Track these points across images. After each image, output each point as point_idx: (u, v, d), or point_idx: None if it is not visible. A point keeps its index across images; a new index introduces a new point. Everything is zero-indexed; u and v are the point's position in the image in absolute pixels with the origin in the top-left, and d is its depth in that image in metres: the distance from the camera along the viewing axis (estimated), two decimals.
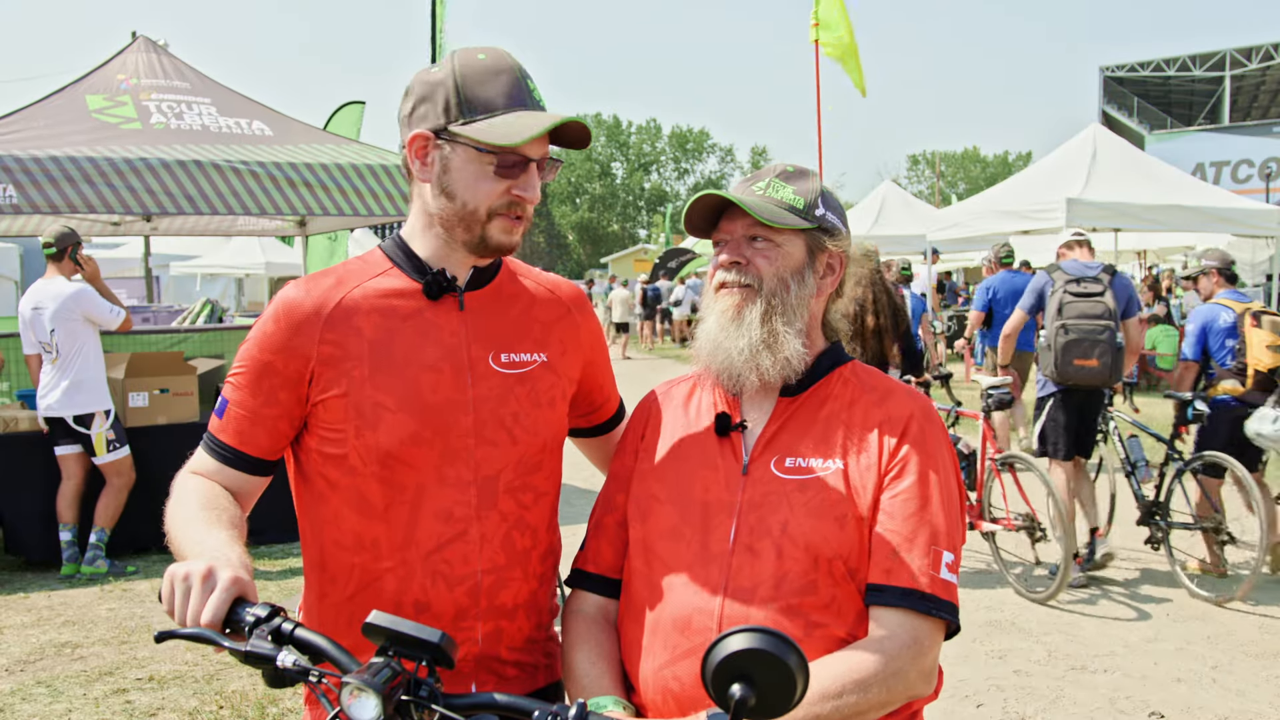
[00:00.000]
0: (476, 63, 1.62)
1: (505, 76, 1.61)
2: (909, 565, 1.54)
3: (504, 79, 1.60)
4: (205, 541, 1.45)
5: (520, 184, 1.61)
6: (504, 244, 1.65)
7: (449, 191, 1.62)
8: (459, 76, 1.61)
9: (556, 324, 1.80)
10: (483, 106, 1.59)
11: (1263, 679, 4.59)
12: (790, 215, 1.66)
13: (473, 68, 1.61)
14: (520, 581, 1.71)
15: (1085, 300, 5.84)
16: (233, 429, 1.65)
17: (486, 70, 1.61)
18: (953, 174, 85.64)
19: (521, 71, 1.63)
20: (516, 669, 1.74)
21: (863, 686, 1.46)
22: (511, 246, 1.66)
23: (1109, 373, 5.76)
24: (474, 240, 1.64)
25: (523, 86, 1.61)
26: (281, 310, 1.65)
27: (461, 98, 1.60)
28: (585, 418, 1.94)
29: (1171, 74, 41.78)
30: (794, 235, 1.67)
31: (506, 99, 1.59)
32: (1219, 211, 12.40)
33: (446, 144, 1.60)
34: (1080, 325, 5.78)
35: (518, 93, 1.60)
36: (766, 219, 1.63)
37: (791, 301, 1.65)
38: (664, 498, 1.69)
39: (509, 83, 1.60)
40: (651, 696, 1.59)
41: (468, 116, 1.59)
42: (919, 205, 20.75)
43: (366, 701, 1.19)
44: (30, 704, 4.38)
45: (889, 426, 1.63)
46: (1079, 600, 5.70)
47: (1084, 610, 5.53)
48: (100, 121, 6.77)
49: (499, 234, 1.63)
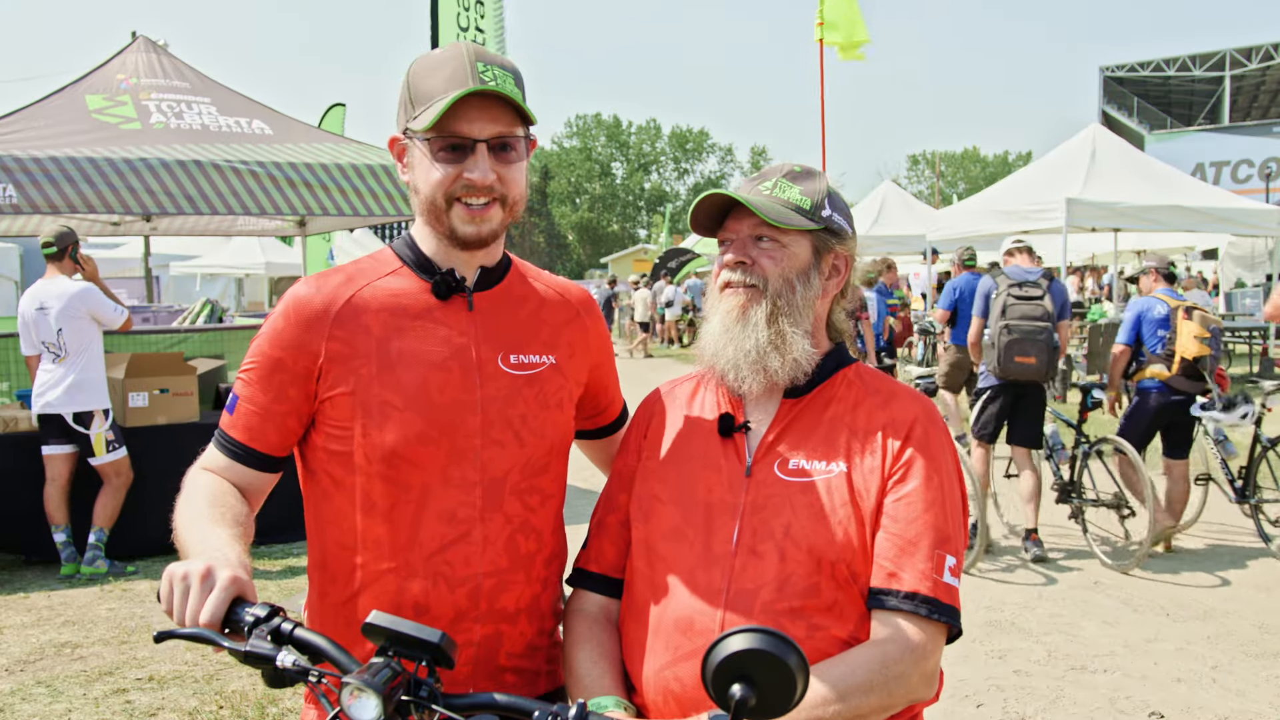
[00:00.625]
0: (429, 57, 1.63)
1: (450, 64, 1.59)
2: (912, 569, 1.54)
3: (448, 67, 1.59)
4: (206, 540, 1.45)
5: (467, 165, 1.59)
6: (468, 235, 1.63)
7: (415, 186, 1.65)
8: (411, 73, 1.63)
9: (565, 326, 1.80)
10: (425, 96, 1.59)
11: (1263, 679, 4.59)
12: (796, 215, 1.65)
13: (423, 62, 1.63)
14: (523, 585, 1.70)
15: (1027, 303, 6.41)
16: (243, 425, 1.65)
17: (434, 62, 1.61)
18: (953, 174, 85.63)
19: (472, 55, 1.59)
20: (515, 675, 1.73)
21: (865, 690, 1.46)
22: (478, 236, 1.64)
23: (1045, 369, 6.37)
24: (446, 233, 1.64)
25: (466, 68, 1.57)
26: (292, 307, 1.65)
27: (410, 94, 1.62)
28: (590, 420, 1.94)
29: (1171, 74, 41.79)
30: (800, 236, 1.66)
31: (446, 84, 1.57)
32: (1218, 211, 12.41)
33: (409, 141, 1.63)
34: (1022, 325, 6.36)
35: (458, 75, 1.57)
36: (773, 219, 1.62)
37: (797, 303, 1.65)
38: (666, 498, 1.68)
39: (452, 69, 1.58)
40: (653, 697, 1.59)
41: (415, 109, 1.61)
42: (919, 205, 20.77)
43: (366, 702, 1.19)
44: (30, 704, 4.38)
45: (893, 429, 1.62)
46: (1079, 600, 5.70)
47: (1084, 610, 5.53)
48: (100, 121, 6.77)
49: (460, 224, 1.62)
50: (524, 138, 1.64)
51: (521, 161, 1.65)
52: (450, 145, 1.58)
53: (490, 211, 1.63)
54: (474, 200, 1.61)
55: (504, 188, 1.62)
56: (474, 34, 7.55)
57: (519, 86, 1.62)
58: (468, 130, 1.58)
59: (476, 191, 1.60)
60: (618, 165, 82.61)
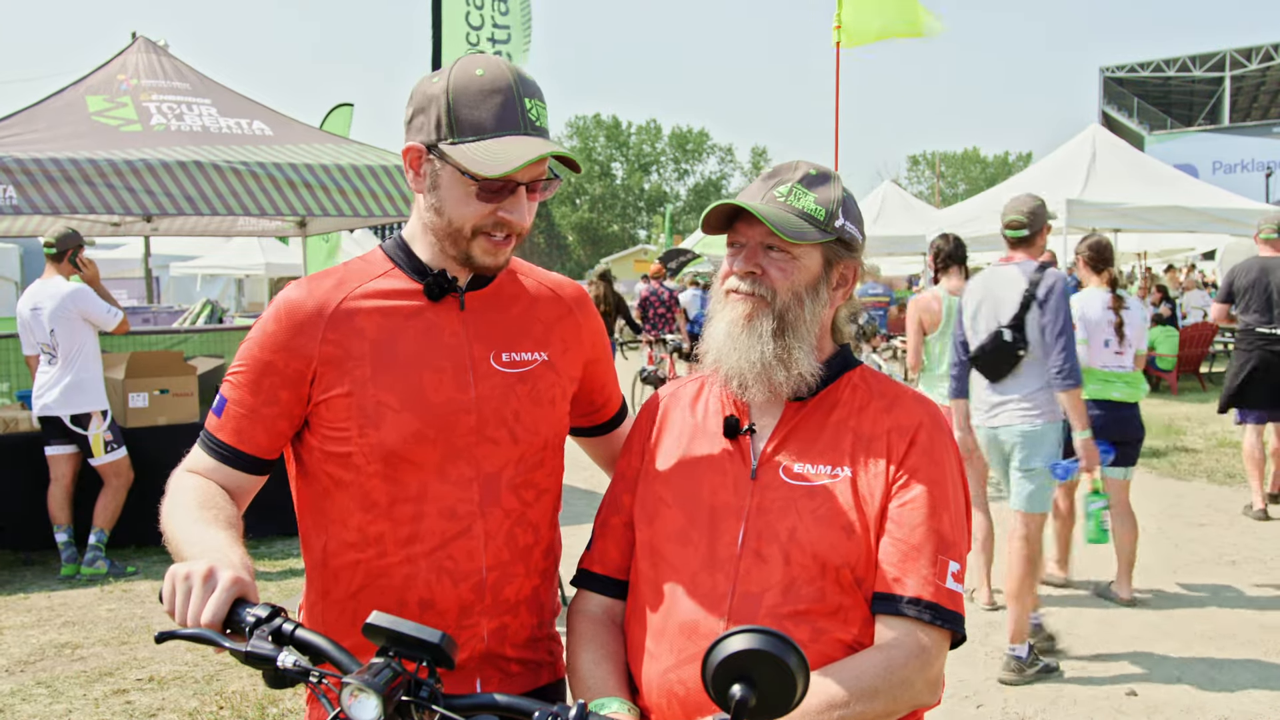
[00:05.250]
0: (473, 79, 1.59)
1: (499, 97, 1.57)
2: (916, 574, 1.53)
3: (497, 99, 1.57)
4: (206, 541, 1.45)
5: (506, 206, 1.60)
6: (487, 265, 1.65)
7: (437, 207, 1.63)
8: (452, 94, 1.58)
9: (558, 323, 1.80)
10: (472, 128, 1.56)
11: (1263, 679, 4.59)
12: (810, 228, 1.61)
13: (467, 86, 1.58)
14: (523, 578, 1.72)
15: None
16: (231, 427, 1.65)
17: (481, 90, 1.58)
18: (953, 174, 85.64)
19: (519, 90, 1.58)
20: (520, 665, 1.75)
21: (869, 695, 1.46)
22: (495, 267, 1.66)
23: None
24: (460, 256, 1.65)
25: (517, 107, 1.57)
26: (283, 310, 1.65)
27: (452, 117, 1.58)
28: (587, 417, 1.94)
29: (1171, 74, 41.79)
30: (812, 247, 1.63)
31: (496, 121, 1.56)
32: (1219, 212, 12.40)
33: (436, 160, 1.60)
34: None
35: (509, 115, 1.57)
36: (787, 234, 1.58)
37: (805, 317, 1.63)
38: (671, 501, 1.68)
39: (501, 104, 1.57)
40: (656, 700, 1.59)
41: (456, 137, 1.57)
42: (919, 205, 20.74)
43: (367, 702, 1.19)
44: (30, 704, 4.38)
45: (897, 434, 1.62)
46: (1079, 600, 5.70)
47: (1084, 610, 5.53)
48: (100, 124, 6.77)
49: (481, 254, 1.63)
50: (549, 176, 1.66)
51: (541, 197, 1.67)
52: (497, 188, 1.58)
53: (511, 244, 1.65)
54: (498, 233, 1.62)
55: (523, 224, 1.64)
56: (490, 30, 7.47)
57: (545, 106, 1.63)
58: (517, 176, 1.58)
59: (508, 227, 1.62)
60: (618, 165, 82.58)
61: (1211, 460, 9.60)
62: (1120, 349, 5.50)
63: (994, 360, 4.71)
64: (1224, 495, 8.16)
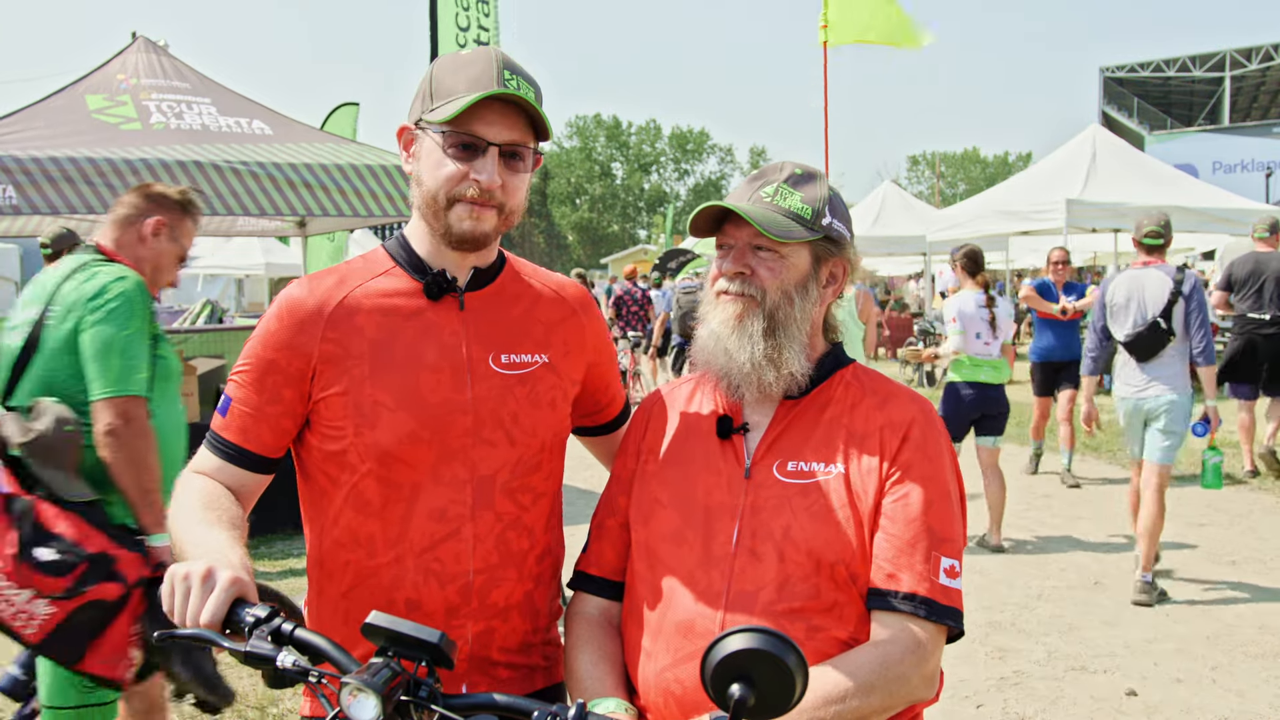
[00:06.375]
0: (458, 56, 1.64)
1: (478, 65, 1.59)
2: (910, 570, 1.54)
3: (476, 67, 1.59)
4: (206, 542, 1.46)
5: (476, 166, 1.59)
6: (465, 232, 1.62)
7: (419, 178, 1.65)
8: (435, 67, 1.64)
9: (560, 325, 1.80)
10: (446, 92, 1.60)
11: (1262, 679, 4.59)
12: (796, 227, 1.63)
13: (450, 60, 1.64)
14: (514, 582, 1.71)
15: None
16: (236, 426, 1.66)
17: (461, 61, 1.62)
18: (953, 174, 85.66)
19: (501, 62, 1.60)
20: (510, 670, 1.74)
21: (865, 691, 1.46)
22: (475, 235, 1.63)
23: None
24: (442, 229, 1.64)
25: (493, 73, 1.58)
26: (285, 308, 1.66)
27: (432, 86, 1.62)
28: (590, 417, 1.95)
29: (1171, 74, 41.78)
30: (800, 246, 1.65)
31: (470, 83, 1.58)
32: (1218, 212, 12.42)
33: (421, 133, 1.63)
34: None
35: (484, 77, 1.58)
36: (774, 234, 1.59)
37: (795, 315, 1.64)
38: (666, 501, 1.68)
39: (479, 70, 1.59)
40: (653, 699, 1.59)
41: (434, 102, 1.61)
42: (919, 206, 20.76)
43: (366, 702, 1.19)
44: None
45: (890, 430, 1.62)
46: (1079, 600, 5.70)
47: (1084, 610, 5.54)
48: (100, 122, 6.77)
49: (457, 221, 1.62)
50: (533, 150, 1.65)
51: (526, 173, 1.66)
52: (463, 143, 1.59)
53: (489, 211, 1.63)
54: (469, 192, 1.61)
55: (505, 195, 1.63)
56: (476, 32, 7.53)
57: (539, 100, 1.62)
58: (483, 131, 1.58)
59: (480, 193, 1.61)
60: (618, 166, 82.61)
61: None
62: (989, 340, 6.62)
63: (1149, 344, 5.70)
64: (1224, 495, 8.15)
